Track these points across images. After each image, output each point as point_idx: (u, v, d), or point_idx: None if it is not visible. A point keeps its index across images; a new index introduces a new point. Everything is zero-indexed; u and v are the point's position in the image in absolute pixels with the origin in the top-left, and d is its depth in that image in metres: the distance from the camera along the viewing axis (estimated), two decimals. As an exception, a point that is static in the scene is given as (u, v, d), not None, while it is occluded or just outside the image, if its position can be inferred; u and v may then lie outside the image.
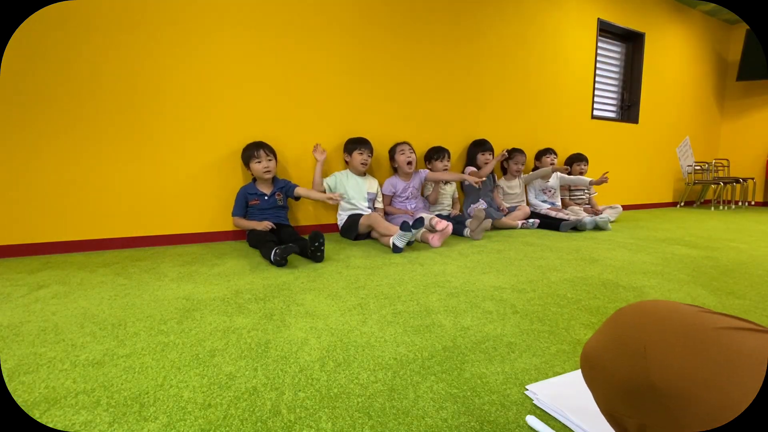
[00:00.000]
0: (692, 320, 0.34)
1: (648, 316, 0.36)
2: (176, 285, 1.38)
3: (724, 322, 0.33)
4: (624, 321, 0.38)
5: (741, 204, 4.74)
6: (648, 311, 0.37)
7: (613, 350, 0.37)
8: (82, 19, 1.88)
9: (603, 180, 2.98)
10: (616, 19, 3.90)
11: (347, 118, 2.59)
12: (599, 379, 0.38)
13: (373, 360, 0.83)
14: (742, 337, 0.31)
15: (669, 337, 0.33)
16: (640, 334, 0.35)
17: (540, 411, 0.66)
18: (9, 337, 0.96)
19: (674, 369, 0.31)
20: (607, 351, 0.38)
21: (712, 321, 0.33)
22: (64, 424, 0.62)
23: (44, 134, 1.87)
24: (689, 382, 0.30)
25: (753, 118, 4.90)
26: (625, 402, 0.35)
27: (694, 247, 2.09)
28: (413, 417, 0.64)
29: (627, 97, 4.27)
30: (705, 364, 0.30)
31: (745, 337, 0.31)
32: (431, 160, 2.76)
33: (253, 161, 2.14)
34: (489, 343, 0.91)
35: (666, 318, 0.35)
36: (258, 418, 0.64)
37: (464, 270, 1.58)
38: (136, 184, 2.07)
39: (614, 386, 0.36)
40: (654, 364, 0.33)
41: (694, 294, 1.30)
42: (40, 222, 1.90)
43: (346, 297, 1.25)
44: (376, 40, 2.63)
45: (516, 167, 3.04)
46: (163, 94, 2.08)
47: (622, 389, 0.35)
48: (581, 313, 1.11)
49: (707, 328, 0.32)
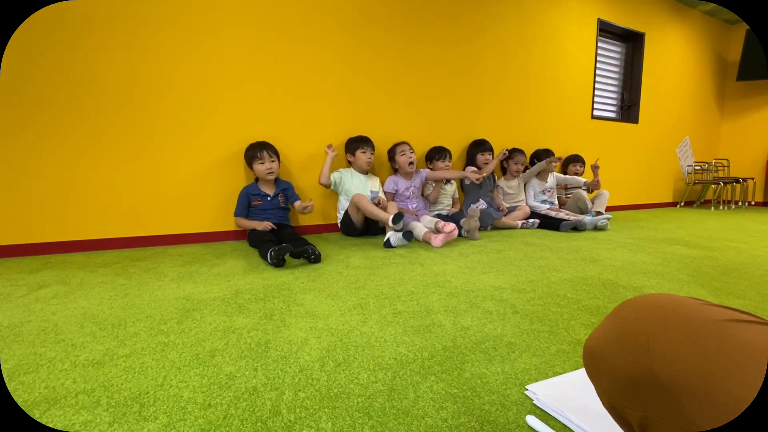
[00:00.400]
0: (695, 313, 0.34)
1: (650, 309, 0.36)
2: (176, 285, 1.38)
3: (727, 314, 0.33)
4: (626, 314, 0.38)
5: (741, 204, 4.74)
6: (650, 304, 0.37)
7: (615, 343, 0.37)
8: (82, 19, 1.88)
9: (595, 170, 3.08)
10: (616, 19, 3.90)
11: (347, 118, 2.59)
12: (602, 372, 0.38)
13: (373, 360, 0.83)
14: (745, 329, 0.31)
15: (672, 329, 0.33)
16: (642, 327, 0.35)
17: (540, 411, 0.66)
18: (9, 337, 0.96)
19: (678, 361, 0.32)
20: (609, 344, 0.38)
21: (715, 313, 0.33)
22: (64, 424, 0.62)
23: (44, 134, 1.87)
24: (693, 374, 0.30)
25: (753, 118, 4.90)
26: (627, 394, 0.36)
27: (694, 247, 2.09)
28: (413, 417, 0.64)
29: (627, 97, 4.27)
30: (708, 356, 0.30)
31: (748, 330, 0.31)
32: (432, 160, 2.76)
33: (256, 162, 2.14)
34: (489, 343, 0.91)
35: (669, 310, 0.35)
36: (258, 418, 0.64)
37: (464, 270, 1.58)
38: (136, 184, 2.07)
39: (617, 379, 0.36)
40: (657, 357, 0.33)
41: (694, 294, 1.30)
42: (40, 222, 1.90)
43: (346, 297, 1.25)
44: (376, 39, 2.63)
45: (516, 167, 3.04)
46: (163, 94, 2.08)
47: (624, 382, 0.36)
48: (581, 313, 1.11)
49: (710, 321, 0.32)
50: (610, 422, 0.59)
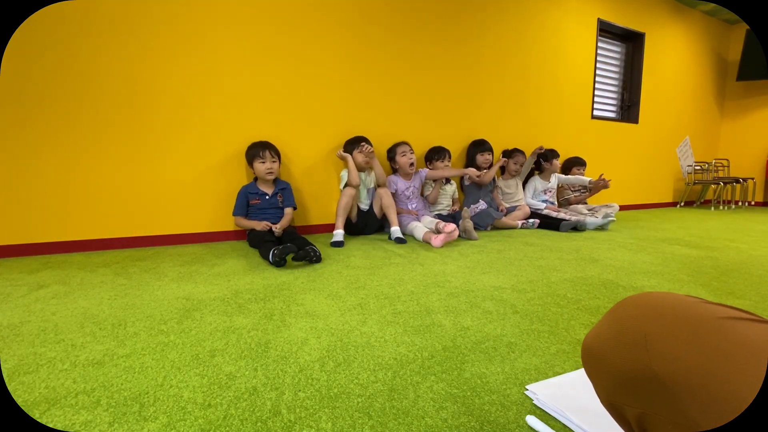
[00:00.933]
0: (694, 310, 0.34)
1: (648, 307, 0.36)
2: (176, 285, 1.38)
3: (725, 312, 0.33)
4: (624, 312, 0.38)
5: (741, 204, 4.74)
6: (648, 302, 0.37)
7: (614, 341, 0.37)
8: (82, 19, 1.88)
9: (602, 184, 2.98)
10: (616, 19, 3.90)
11: (347, 118, 2.59)
12: (600, 370, 0.39)
13: (373, 360, 0.83)
14: (744, 326, 0.31)
15: (670, 326, 0.33)
16: (641, 325, 0.35)
17: (540, 411, 0.66)
18: (9, 337, 0.96)
19: (676, 359, 0.32)
20: (608, 341, 0.38)
21: (713, 311, 0.33)
22: (64, 424, 0.62)
23: (44, 134, 1.87)
24: (692, 372, 0.30)
25: (753, 118, 4.90)
26: (626, 391, 0.36)
27: (694, 247, 2.09)
28: (413, 417, 0.64)
29: (627, 97, 4.26)
30: (708, 354, 0.30)
31: (747, 327, 0.31)
32: (432, 160, 2.75)
33: (257, 161, 2.15)
34: (489, 343, 0.91)
35: (667, 308, 0.35)
36: (258, 418, 0.64)
37: (464, 270, 1.58)
38: (136, 184, 2.07)
39: (615, 376, 0.36)
40: (655, 354, 0.33)
41: (694, 294, 1.30)
42: (40, 222, 1.90)
43: (346, 297, 1.25)
44: (376, 39, 2.63)
45: (515, 167, 3.04)
46: (163, 95, 2.08)
47: (623, 379, 0.36)
48: (581, 313, 1.11)
49: (709, 318, 0.32)
50: (610, 422, 0.59)
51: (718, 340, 0.31)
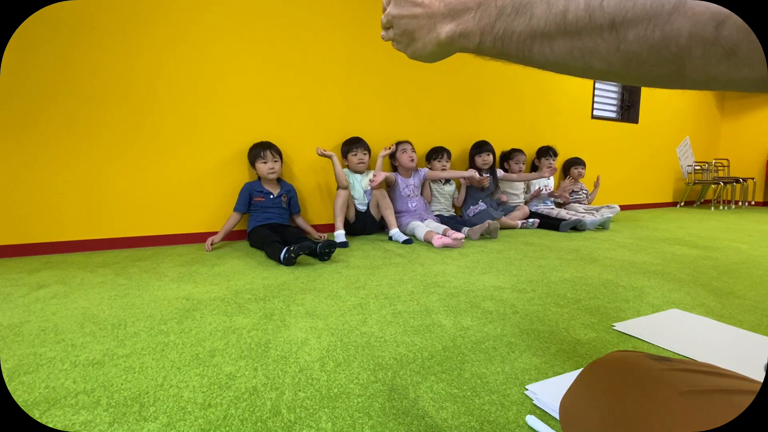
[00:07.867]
0: (659, 378, 0.36)
1: (616, 371, 0.39)
2: (176, 285, 1.38)
3: (691, 383, 0.33)
4: (594, 376, 0.42)
5: (741, 204, 4.74)
6: (618, 367, 0.40)
7: (583, 403, 0.40)
8: (82, 18, 1.88)
9: (596, 186, 2.98)
10: (616, 19, 3.89)
11: (348, 118, 2.59)
12: (573, 429, 0.42)
13: (373, 360, 0.83)
14: (708, 403, 0.31)
15: (634, 395, 0.35)
16: (608, 389, 0.38)
17: (540, 411, 0.66)
18: (9, 337, 0.96)
19: (639, 427, 0.33)
20: (578, 403, 0.41)
21: (679, 382, 0.34)
22: (64, 424, 0.62)
23: (44, 134, 1.87)
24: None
25: (753, 118, 4.90)
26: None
27: (694, 247, 2.09)
28: (413, 417, 0.64)
29: (627, 97, 4.26)
30: (668, 427, 0.31)
31: (712, 403, 0.31)
32: (431, 160, 2.76)
33: (259, 161, 2.15)
34: (489, 343, 0.91)
35: (634, 376, 0.37)
36: (258, 418, 0.64)
37: (464, 270, 1.58)
38: (136, 184, 2.07)
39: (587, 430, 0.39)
40: (621, 421, 0.35)
41: (694, 294, 1.30)
42: (40, 222, 1.90)
43: (346, 297, 1.25)
44: (377, 39, 2.63)
45: (517, 167, 3.05)
46: (163, 95, 2.08)
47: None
48: (581, 313, 1.11)
49: (674, 392, 0.34)
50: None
51: (682, 414, 0.31)
